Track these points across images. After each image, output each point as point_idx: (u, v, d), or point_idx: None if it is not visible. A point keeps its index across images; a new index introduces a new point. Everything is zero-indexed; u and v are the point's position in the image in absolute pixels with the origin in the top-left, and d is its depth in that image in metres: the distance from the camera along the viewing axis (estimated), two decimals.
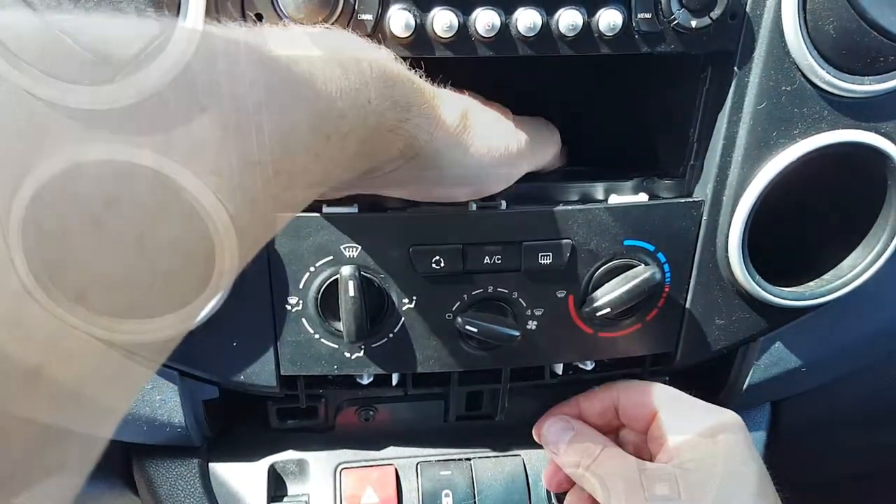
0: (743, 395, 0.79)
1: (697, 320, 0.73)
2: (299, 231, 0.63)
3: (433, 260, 0.64)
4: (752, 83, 0.62)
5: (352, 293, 0.62)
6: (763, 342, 0.76)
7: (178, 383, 0.69)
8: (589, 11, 0.57)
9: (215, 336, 0.66)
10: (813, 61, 0.59)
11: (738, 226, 0.66)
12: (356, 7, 0.55)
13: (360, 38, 0.50)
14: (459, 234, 0.64)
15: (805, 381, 0.79)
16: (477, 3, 0.56)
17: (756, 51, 0.61)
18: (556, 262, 0.66)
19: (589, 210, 0.65)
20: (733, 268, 0.68)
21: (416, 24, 0.56)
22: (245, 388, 0.71)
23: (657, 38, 0.59)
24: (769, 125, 0.63)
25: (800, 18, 0.58)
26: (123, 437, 0.76)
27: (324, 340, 0.68)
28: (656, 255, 0.68)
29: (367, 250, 0.64)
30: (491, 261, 0.65)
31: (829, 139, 0.63)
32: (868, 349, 0.81)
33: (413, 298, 0.66)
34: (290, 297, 0.65)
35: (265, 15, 0.55)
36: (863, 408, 0.91)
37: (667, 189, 0.69)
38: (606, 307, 0.66)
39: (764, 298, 0.69)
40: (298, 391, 0.74)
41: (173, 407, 0.70)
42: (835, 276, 0.71)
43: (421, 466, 0.79)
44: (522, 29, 0.57)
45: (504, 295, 0.67)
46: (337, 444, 0.80)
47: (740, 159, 0.64)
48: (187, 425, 0.71)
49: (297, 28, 0.52)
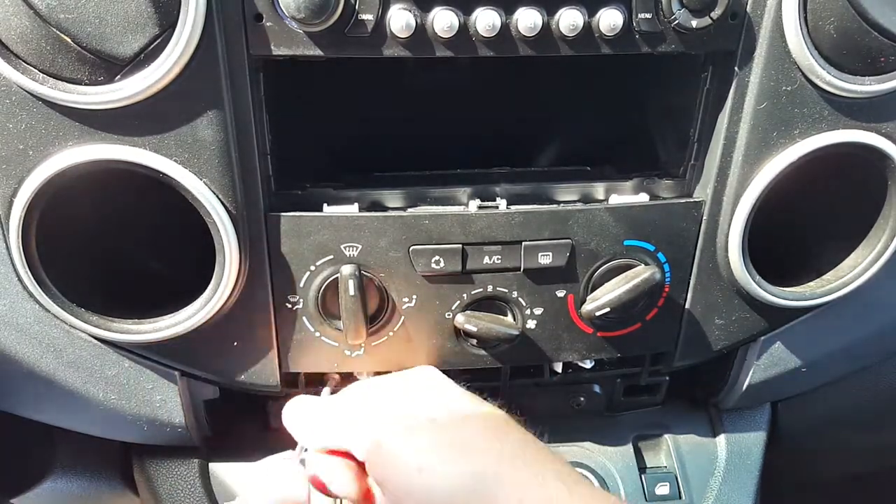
0: (743, 395, 0.79)
1: (697, 320, 0.73)
2: (300, 230, 0.63)
3: (433, 259, 0.64)
4: (753, 83, 0.62)
5: (352, 292, 0.62)
6: (763, 342, 0.76)
7: (178, 383, 0.69)
8: (589, 11, 0.57)
9: (216, 336, 0.66)
10: (813, 61, 0.59)
11: (739, 226, 0.66)
12: (357, 7, 0.55)
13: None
14: (459, 234, 0.64)
15: (805, 381, 0.79)
16: (477, 3, 0.56)
17: (756, 51, 0.61)
18: (555, 262, 0.66)
19: (589, 210, 0.65)
20: (733, 268, 0.68)
21: (417, 24, 0.56)
22: (246, 388, 0.71)
23: (658, 38, 0.59)
24: (769, 125, 0.63)
25: (800, 18, 0.58)
26: (123, 437, 0.76)
27: (324, 339, 0.68)
28: (656, 255, 0.68)
29: (368, 250, 0.64)
30: (491, 261, 0.65)
31: (829, 139, 0.63)
32: (868, 349, 0.81)
33: (413, 297, 0.66)
34: (291, 296, 0.66)
35: (265, 15, 0.55)
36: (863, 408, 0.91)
37: (667, 189, 0.69)
38: (606, 307, 0.66)
39: (764, 298, 0.69)
40: (299, 390, 0.74)
41: (173, 407, 0.70)
42: (835, 276, 0.71)
43: None
44: (523, 29, 0.57)
45: (504, 294, 0.67)
46: None
47: (740, 159, 0.64)
48: (187, 425, 0.71)
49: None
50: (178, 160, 0.57)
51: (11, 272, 0.61)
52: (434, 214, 0.64)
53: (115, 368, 0.67)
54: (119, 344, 0.65)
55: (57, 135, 0.55)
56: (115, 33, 0.51)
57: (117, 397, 0.68)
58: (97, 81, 0.53)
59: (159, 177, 0.57)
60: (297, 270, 0.64)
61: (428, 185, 0.67)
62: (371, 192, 0.66)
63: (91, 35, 0.51)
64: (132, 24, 0.51)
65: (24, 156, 0.55)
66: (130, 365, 0.67)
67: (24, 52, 0.52)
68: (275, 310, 0.66)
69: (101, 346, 0.66)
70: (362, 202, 0.65)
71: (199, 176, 0.58)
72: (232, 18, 0.55)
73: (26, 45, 0.52)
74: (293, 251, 0.64)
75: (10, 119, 0.54)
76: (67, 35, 0.51)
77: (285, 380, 0.71)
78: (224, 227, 0.59)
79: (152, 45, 0.52)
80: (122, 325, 0.63)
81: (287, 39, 0.56)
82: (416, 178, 0.69)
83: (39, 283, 0.60)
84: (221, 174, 0.58)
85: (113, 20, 0.50)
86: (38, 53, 0.52)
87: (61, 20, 0.50)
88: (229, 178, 0.59)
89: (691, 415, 0.86)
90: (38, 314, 0.63)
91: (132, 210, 0.67)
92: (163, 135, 0.56)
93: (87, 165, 0.55)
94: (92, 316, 0.62)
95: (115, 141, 0.56)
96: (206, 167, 0.58)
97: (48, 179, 0.55)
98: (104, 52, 0.51)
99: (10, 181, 0.56)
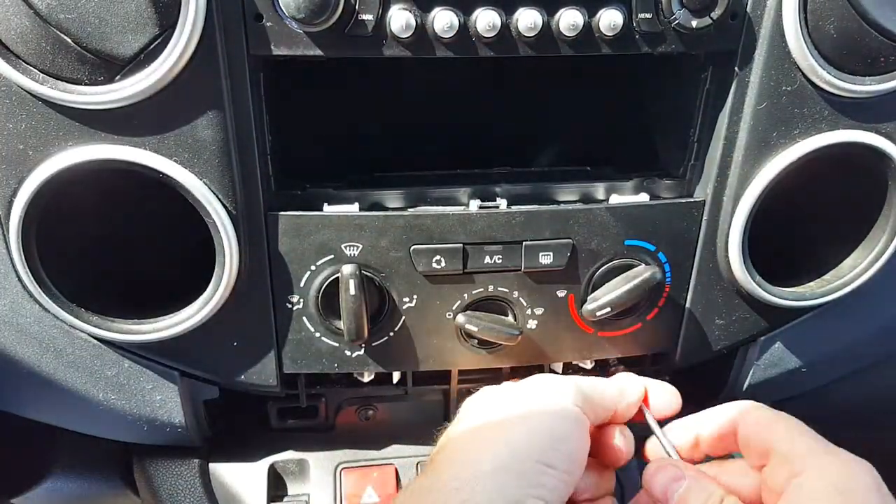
0: (743, 396, 0.79)
1: (697, 320, 0.73)
2: (300, 230, 0.63)
3: (434, 259, 0.64)
4: (753, 83, 0.62)
5: (352, 292, 0.62)
6: (763, 342, 0.76)
7: (178, 383, 0.69)
8: (589, 11, 0.57)
9: (216, 336, 0.66)
10: (813, 61, 0.59)
11: (739, 226, 0.66)
12: (357, 7, 0.55)
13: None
14: (460, 234, 0.64)
15: (805, 381, 0.79)
16: (478, 3, 0.56)
17: (757, 51, 0.61)
18: (556, 262, 0.66)
19: (590, 210, 0.65)
20: (733, 268, 0.68)
21: (417, 23, 0.56)
22: (246, 388, 0.71)
23: (658, 39, 0.59)
24: (769, 125, 0.63)
25: (800, 19, 0.58)
26: (123, 437, 0.76)
27: (325, 339, 0.68)
28: (657, 255, 0.68)
29: (368, 249, 0.64)
30: (491, 260, 0.65)
31: (829, 139, 0.63)
32: (868, 349, 0.81)
33: (414, 297, 0.66)
34: (291, 296, 0.66)
35: (265, 15, 0.55)
36: (863, 408, 0.91)
37: (667, 189, 0.69)
38: (607, 307, 0.66)
39: (764, 298, 0.69)
40: (299, 390, 0.75)
41: (173, 407, 0.70)
42: (835, 276, 0.71)
43: (421, 466, 0.79)
44: (523, 29, 0.57)
45: (504, 294, 0.67)
46: (337, 443, 0.80)
47: (741, 159, 0.64)
48: (187, 425, 0.71)
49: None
50: (178, 160, 0.57)
51: (11, 272, 0.61)
52: (435, 214, 0.64)
53: (115, 368, 0.67)
54: (119, 344, 0.65)
55: (57, 135, 0.55)
56: (115, 33, 0.51)
57: (117, 397, 0.68)
58: (97, 81, 0.53)
59: (159, 177, 0.57)
60: (297, 270, 0.64)
61: (428, 185, 0.67)
62: (371, 191, 0.66)
63: (91, 35, 0.51)
64: (132, 24, 0.51)
65: (24, 156, 0.55)
66: (130, 365, 0.67)
67: (24, 52, 0.52)
68: (275, 310, 0.66)
69: (101, 346, 0.66)
70: (363, 202, 0.65)
71: (199, 176, 0.58)
72: (232, 18, 0.55)
73: (26, 45, 0.52)
74: (293, 251, 0.64)
75: (10, 119, 0.54)
76: (67, 35, 0.51)
77: (285, 380, 0.71)
78: (224, 227, 0.59)
79: (152, 45, 0.52)
80: (121, 325, 0.63)
81: (287, 39, 0.56)
82: (417, 178, 0.69)
83: (39, 283, 0.60)
84: (221, 174, 0.58)
85: (113, 20, 0.50)
86: (38, 53, 0.52)
87: (61, 20, 0.50)
88: (229, 178, 0.59)
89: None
90: (38, 314, 0.63)
91: (132, 210, 0.67)
92: (163, 135, 0.56)
93: (87, 165, 0.55)
94: (92, 316, 0.62)
95: (115, 141, 0.56)
96: (206, 167, 0.58)
97: (48, 179, 0.55)
98: (104, 52, 0.51)
99: (10, 181, 0.56)
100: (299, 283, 0.65)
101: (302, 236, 0.63)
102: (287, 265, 0.64)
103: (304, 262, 0.64)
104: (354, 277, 0.62)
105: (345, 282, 0.62)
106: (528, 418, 0.57)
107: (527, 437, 0.55)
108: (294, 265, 0.64)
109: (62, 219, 0.60)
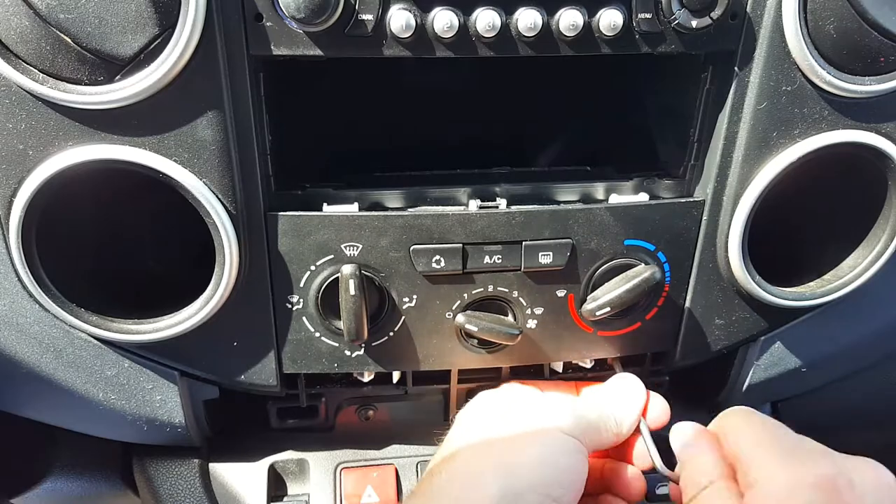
0: (743, 396, 0.79)
1: (697, 320, 0.73)
2: (300, 230, 0.63)
3: (434, 259, 0.64)
4: (753, 83, 0.62)
5: (352, 292, 0.62)
6: (763, 342, 0.76)
7: (178, 383, 0.69)
8: (589, 11, 0.57)
9: (216, 336, 0.66)
10: (813, 61, 0.59)
11: (739, 226, 0.66)
12: (357, 7, 0.55)
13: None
14: (460, 234, 0.64)
15: (805, 381, 0.79)
16: (477, 3, 0.56)
17: (757, 51, 0.61)
18: (556, 262, 0.66)
19: (589, 210, 0.65)
20: (733, 268, 0.68)
21: (417, 23, 0.56)
22: (246, 388, 0.71)
23: (658, 39, 0.59)
24: (769, 125, 0.63)
25: (800, 19, 0.58)
26: (123, 437, 0.76)
27: (325, 339, 0.68)
28: (656, 255, 0.68)
29: (368, 249, 0.64)
30: (491, 260, 0.65)
31: (829, 139, 0.63)
32: (868, 349, 0.81)
33: (413, 297, 0.66)
34: (291, 296, 0.66)
35: (265, 15, 0.55)
36: (863, 408, 0.91)
37: (667, 189, 0.69)
38: (606, 306, 0.66)
39: (764, 298, 0.69)
40: (299, 390, 0.75)
41: (173, 407, 0.70)
42: (835, 276, 0.71)
43: (421, 466, 0.79)
44: (523, 29, 0.57)
45: (504, 294, 0.67)
46: (337, 443, 0.80)
47: (740, 159, 0.64)
48: (187, 425, 0.71)
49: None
50: (178, 160, 0.57)
51: (11, 272, 0.61)
52: (434, 214, 0.64)
53: (115, 368, 0.67)
54: (119, 344, 0.65)
55: (57, 135, 0.55)
56: (115, 33, 0.51)
57: (117, 397, 0.68)
58: (97, 81, 0.53)
59: (159, 177, 0.57)
60: (296, 270, 0.64)
61: (428, 185, 0.67)
62: (371, 191, 0.66)
63: (91, 35, 0.51)
64: (132, 24, 0.51)
65: (24, 156, 0.55)
66: (130, 365, 0.67)
67: (24, 52, 0.52)
68: (274, 310, 0.66)
69: (101, 346, 0.66)
70: (362, 202, 0.65)
71: (199, 176, 0.58)
72: (232, 18, 0.55)
73: (26, 45, 0.52)
74: (293, 251, 0.64)
75: (9, 119, 0.54)
76: (67, 35, 0.51)
77: (285, 380, 0.71)
78: (224, 227, 0.59)
79: (152, 45, 0.52)
80: (121, 325, 0.63)
81: (287, 39, 0.56)
82: (417, 178, 0.69)
83: (39, 283, 0.60)
84: (221, 174, 0.58)
85: (113, 20, 0.50)
86: (38, 53, 0.52)
87: (61, 20, 0.50)
88: (229, 178, 0.59)
89: (691, 415, 0.85)
90: (38, 314, 0.63)
91: (132, 210, 0.67)
92: (163, 135, 0.56)
93: (86, 165, 0.55)
94: (91, 316, 0.62)
95: (115, 141, 0.56)
96: (206, 167, 0.58)
97: (48, 179, 0.55)
98: (104, 52, 0.51)
99: (10, 181, 0.56)
100: (299, 283, 0.65)
101: (302, 236, 0.63)
102: (287, 265, 0.64)
103: (303, 262, 0.64)
104: (354, 277, 0.62)
105: (345, 282, 0.62)
106: (530, 446, 0.60)
107: (530, 470, 0.58)
108: (294, 265, 0.64)
109: (62, 219, 0.60)
